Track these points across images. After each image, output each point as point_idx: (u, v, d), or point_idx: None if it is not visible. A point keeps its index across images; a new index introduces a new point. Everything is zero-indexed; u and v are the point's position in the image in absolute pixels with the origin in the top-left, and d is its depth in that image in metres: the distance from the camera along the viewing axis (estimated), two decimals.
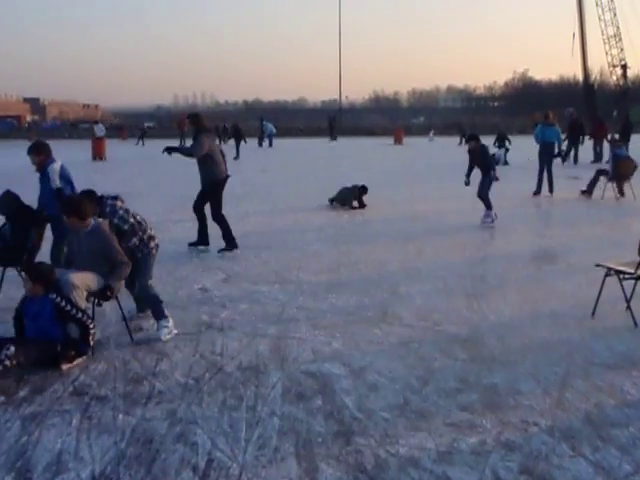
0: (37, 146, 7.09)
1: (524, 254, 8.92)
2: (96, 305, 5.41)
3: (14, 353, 4.46)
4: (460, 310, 6.19)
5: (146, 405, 4.20)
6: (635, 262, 5.61)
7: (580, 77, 62.74)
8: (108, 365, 4.87)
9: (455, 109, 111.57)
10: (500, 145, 25.02)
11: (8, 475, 3.39)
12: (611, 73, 62.45)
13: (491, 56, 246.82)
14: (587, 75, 60.21)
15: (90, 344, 4.95)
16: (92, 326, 4.93)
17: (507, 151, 24.82)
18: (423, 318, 5.96)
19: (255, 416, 4.03)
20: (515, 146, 26.40)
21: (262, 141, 39.29)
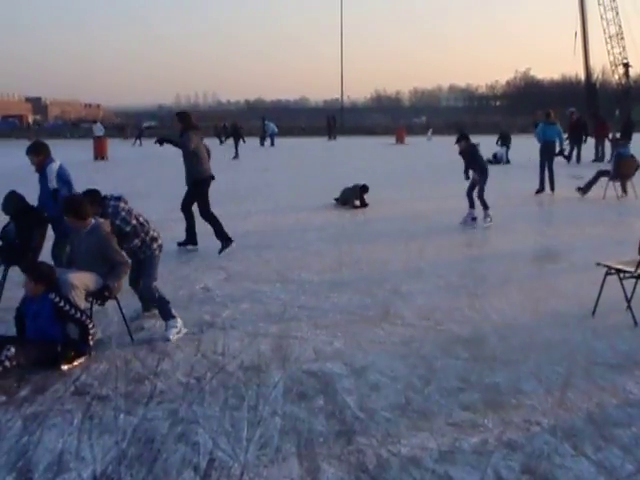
0: (36, 146, 7.08)
1: (526, 253, 8.91)
2: (98, 305, 5.41)
3: (14, 354, 4.46)
4: (462, 309, 6.18)
5: (147, 405, 4.20)
6: (635, 261, 5.60)
7: (582, 76, 62.82)
8: (109, 365, 4.87)
9: (457, 108, 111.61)
10: (503, 144, 25.03)
11: (9, 475, 3.39)
12: (613, 72, 62.46)
13: (493, 55, 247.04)
14: (589, 74, 60.24)
15: (90, 344, 4.95)
16: (91, 326, 4.93)
17: (508, 149, 24.81)
18: (425, 317, 5.96)
19: (257, 416, 4.02)
20: (517, 145, 26.38)
21: (264, 140, 39.31)
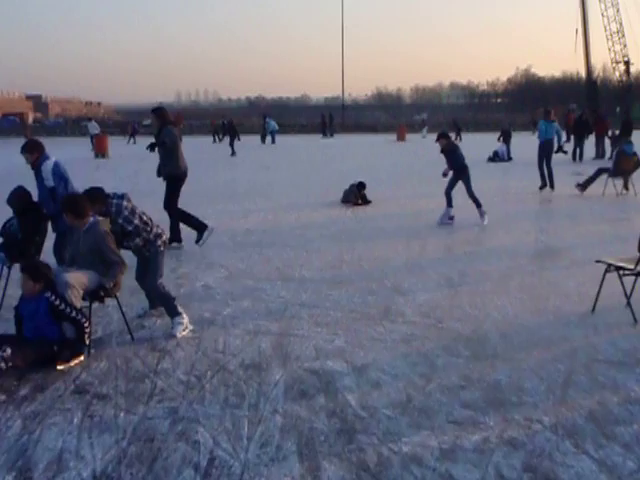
0: (30, 144, 7.09)
1: (527, 250, 8.89)
2: (99, 303, 5.40)
3: (10, 355, 4.44)
4: (463, 307, 6.17)
5: (148, 403, 4.19)
6: (635, 258, 5.58)
7: (583, 73, 62.69)
8: (110, 363, 4.86)
9: (458, 105, 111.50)
10: (504, 141, 25.00)
11: (9, 474, 3.38)
12: (614, 69, 62.35)
13: (494, 52, 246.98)
14: (590, 71, 60.16)
15: (86, 343, 4.93)
16: (87, 325, 4.90)
17: (509, 146, 24.78)
18: (426, 315, 5.94)
19: (257, 414, 4.01)
20: (518, 142, 26.34)
21: (265, 138, 39.29)
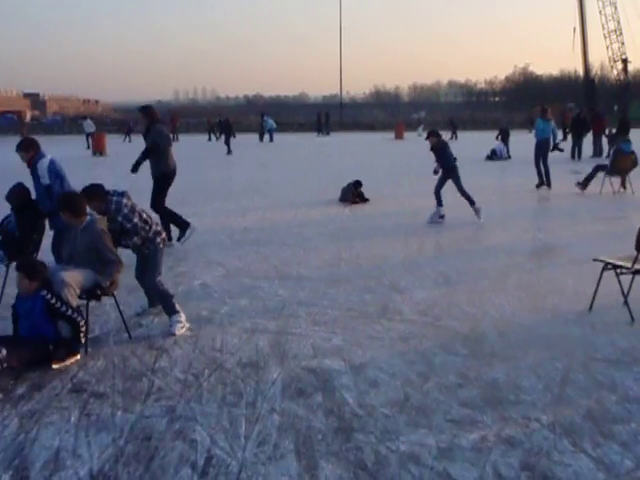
0: (25, 143, 7.07)
1: (524, 249, 8.89)
2: (95, 301, 5.38)
3: (5, 356, 4.43)
4: (461, 305, 6.17)
5: (145, 402, 4.18)
6: (632, 257, 5.59)
7: (581, 72, 62.59)
8: (107, 362, 4.85)
9: (456, 104, 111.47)
10: (503, 139, 24.99)
11: (5, 473, 3.37)
12: (612, 68, 62.27)
13: (492, 51, 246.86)
14: (588, 70, 60.05)
15: (81, 342, 4.91)
16: (82, 323, 4.89)
17: (508, 145, 24.77)
18: (424, 313, 5.94)
19: (255, 413, 4.01)
20: (516, 141, 26.34)
21: (263, 136, 39.28)
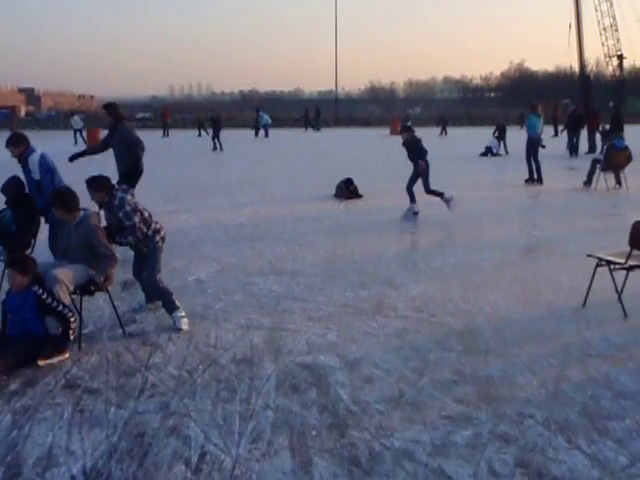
0: (15, 138, 7.04)
1: (519, 245, 8.89)
2: (89, 296, 5.35)
3: None
4: (455, 301, 6.16)
5: (138, 398, 4.16)
6: (626, 252, 5.59)
7: (576, 68, 62.66)
8: (100, 358, 4.83)
9: (451, 99, 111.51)
10: (500, 136, 24.96)
11: None
12: (607, 64, 62.38)
13: (487, 47, 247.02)
14: (583, 66, 60.13)
15: (70, 339, 4.87)
16: (73, 320, 4.85)
17: (505, 141, 24.76)
18: (418, 309, 5.94)
19: (249, 409, 4.00)
20: (510, 137, 26.32)
21: (258, 132, 39.24)
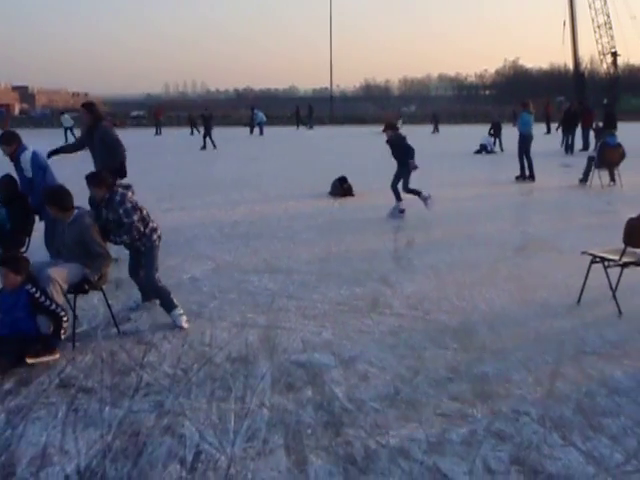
0: (6, 136, 7.04)
1: (514, 242, 8.90)
2: (82, 294, 5.33)
3: None
4: (451, 299, 6.16)
5: (133, 397, 4.15)
6: (620, 249, 5.60)
7: (571, 65, 62.82)
8: (95, 356, 4.81)
9: (446, 97, 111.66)
10: (495, 134, 24.98)
11: None
12: (601, 61, 62.61)
13: (482, 44, 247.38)
14: (577, 63, 60.31)
15: (61, 338, 4.83)
16: (65, 319, 4.82)
17: (500, 139, 24.78)
18: (413, 307, 5.93)
19: (244, 407, 3.99)
20: (505, 134, 26.36)
21: (253, 129, 39.22)
